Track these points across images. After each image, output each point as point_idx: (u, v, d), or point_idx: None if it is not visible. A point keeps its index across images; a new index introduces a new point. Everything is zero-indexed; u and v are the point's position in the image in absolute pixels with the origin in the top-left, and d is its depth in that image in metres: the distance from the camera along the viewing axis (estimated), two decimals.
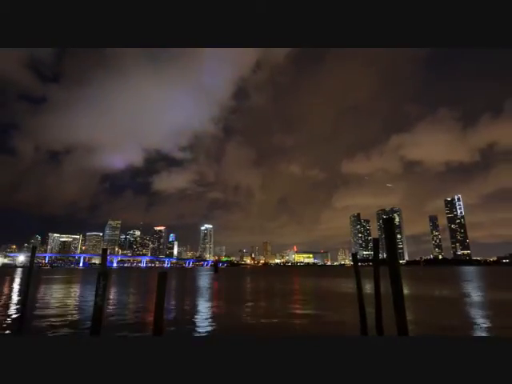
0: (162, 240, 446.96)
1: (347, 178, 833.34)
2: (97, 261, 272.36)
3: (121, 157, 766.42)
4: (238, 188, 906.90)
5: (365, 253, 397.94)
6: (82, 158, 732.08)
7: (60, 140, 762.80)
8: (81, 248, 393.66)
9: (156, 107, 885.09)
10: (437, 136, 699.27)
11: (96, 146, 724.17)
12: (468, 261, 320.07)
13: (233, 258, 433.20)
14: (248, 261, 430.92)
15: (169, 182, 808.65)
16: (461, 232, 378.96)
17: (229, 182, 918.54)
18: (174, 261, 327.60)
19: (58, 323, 12.70)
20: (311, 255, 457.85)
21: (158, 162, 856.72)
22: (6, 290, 28.35)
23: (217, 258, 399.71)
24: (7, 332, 11.15)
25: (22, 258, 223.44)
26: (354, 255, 13.98)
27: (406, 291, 23.74)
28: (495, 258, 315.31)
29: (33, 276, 14.90)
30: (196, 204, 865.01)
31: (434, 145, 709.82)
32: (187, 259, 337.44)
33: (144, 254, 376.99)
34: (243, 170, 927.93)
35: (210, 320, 13.82)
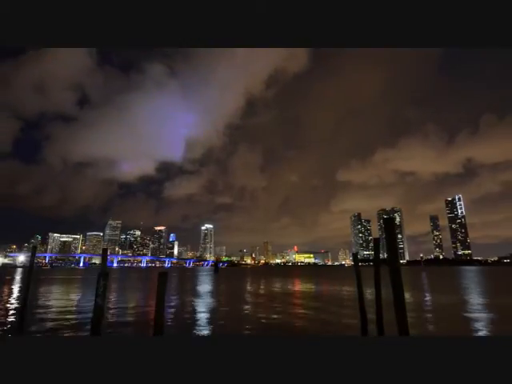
0: (162, 240, 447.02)
1: (344, 185, 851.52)
2: (97, 261, 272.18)
3: (137, 167, 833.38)
4: (243, 191, 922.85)
5: (365, 253, 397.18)
6: (102, 169, 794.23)
7: (84, 153, 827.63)
8: (81, 248, 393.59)
9: (170, 123, 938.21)
10: (424, 151, 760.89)
11: (115, 159, 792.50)
12: (469, 261, 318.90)
13: (233, 258, 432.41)
14: (248, 261, 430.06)
15: (179, 189, 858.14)
16: (461, 232, 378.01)
17: (235, 186, 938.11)
18: (175, 261, 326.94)
19: (58, 323, 12.71)
20: (312, 255, 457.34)
21: (170, 171, 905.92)
22: (6, 290, 28.37)
23: (217, 257, 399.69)
24: (7, 332, 11.16)
25: (22, 258, 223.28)
26: (355, 255, 13.99)
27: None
28: (496, 258, 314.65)
29: (33, 276, 14.90)
30: (202, 207, 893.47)
31: (422, 158, 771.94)
32: (187, 259, 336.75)
33: (144, 254, 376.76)
34: (249, 173, 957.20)
35: (210, 320, 13.83)
